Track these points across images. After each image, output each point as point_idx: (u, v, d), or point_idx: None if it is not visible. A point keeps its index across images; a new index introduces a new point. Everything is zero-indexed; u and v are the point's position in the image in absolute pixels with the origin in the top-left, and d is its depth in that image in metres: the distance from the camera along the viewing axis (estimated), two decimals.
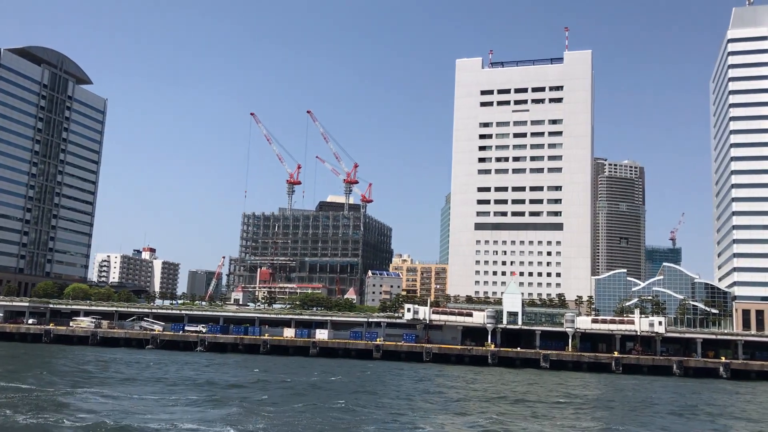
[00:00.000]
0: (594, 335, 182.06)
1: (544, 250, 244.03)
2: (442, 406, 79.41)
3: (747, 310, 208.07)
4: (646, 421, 75.31)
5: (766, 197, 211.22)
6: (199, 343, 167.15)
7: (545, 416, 74.81)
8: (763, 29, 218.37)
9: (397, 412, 71.73)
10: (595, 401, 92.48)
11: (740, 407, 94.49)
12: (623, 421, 74.09)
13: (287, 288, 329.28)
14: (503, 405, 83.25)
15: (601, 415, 78.38)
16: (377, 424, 64.10)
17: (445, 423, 67.47)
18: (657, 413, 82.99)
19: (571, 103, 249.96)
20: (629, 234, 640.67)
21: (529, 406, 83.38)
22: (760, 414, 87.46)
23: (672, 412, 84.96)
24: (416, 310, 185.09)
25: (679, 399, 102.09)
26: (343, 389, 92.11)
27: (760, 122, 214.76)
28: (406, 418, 68.60)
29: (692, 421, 77.63)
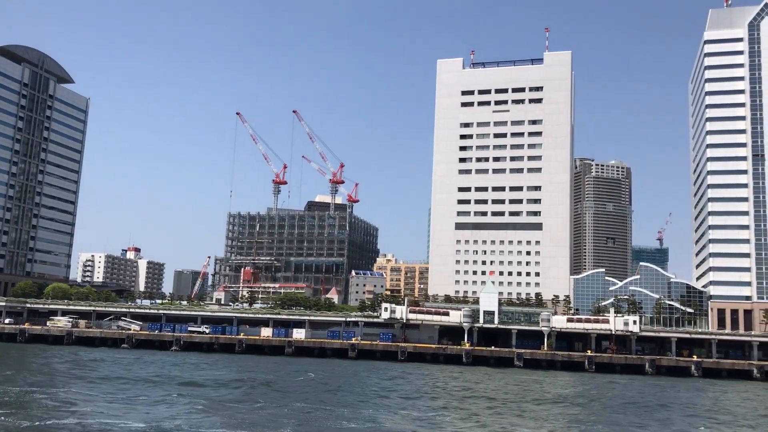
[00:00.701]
0: (570, 334, 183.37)
1: (523, 250, 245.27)
2: (398, 404, 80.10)
3: (722, 310, 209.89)
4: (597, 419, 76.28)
5: (741, 197, 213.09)
6: (174, 342, 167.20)
7: (498, 413, 75.73)
8: (739, 31, 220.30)
9: (352, 409, 72.38)
10: (560, 399, 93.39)
11: (702, 403, 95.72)
12: (574, 418, 75.07)
13: (270, 288, 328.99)
14: (459, 401, 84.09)
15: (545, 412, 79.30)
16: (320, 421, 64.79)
17: (401, 421, 68.18)
18: (607, 409, 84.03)
19: (550, 104, 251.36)
20: (616, 234, 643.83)
21: (480, 403, 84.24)
22: (709, 408, 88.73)
23: (624, 408, 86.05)
24: (393, 310, 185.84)
25: (640, 396, 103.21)
26: (301, 388, 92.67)
27: (735, 123, 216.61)
28: (352, 413, 69.28)
29: (639, 417, 78.75)
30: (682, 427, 72.82)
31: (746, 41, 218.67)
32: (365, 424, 63.90)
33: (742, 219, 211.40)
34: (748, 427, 75.63)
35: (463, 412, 75.42)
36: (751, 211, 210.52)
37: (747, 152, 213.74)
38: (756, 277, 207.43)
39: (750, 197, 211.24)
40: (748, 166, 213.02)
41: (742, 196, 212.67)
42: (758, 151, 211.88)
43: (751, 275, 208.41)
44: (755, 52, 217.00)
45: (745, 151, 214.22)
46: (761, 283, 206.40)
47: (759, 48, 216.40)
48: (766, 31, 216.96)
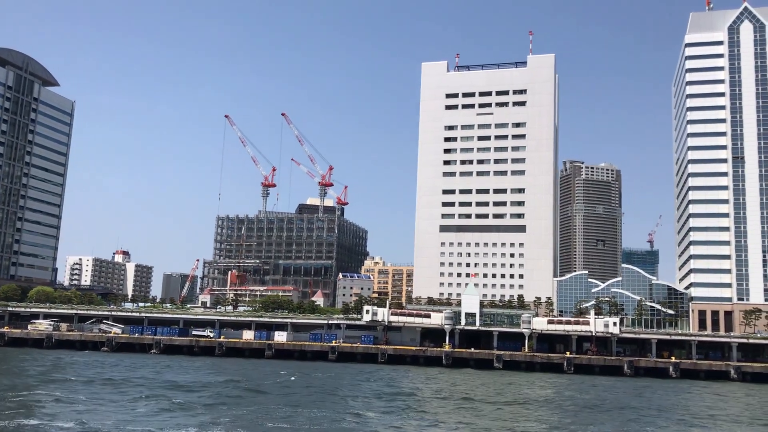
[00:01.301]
0: (551, 336, 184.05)
1: (507, 252, 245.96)
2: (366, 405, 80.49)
3: (703, 311, 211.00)
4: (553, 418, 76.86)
5: (722, 199, 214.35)
6: (154, 345, 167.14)
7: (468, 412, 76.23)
8: (719, 34, 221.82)
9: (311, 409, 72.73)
10: (533, 400, 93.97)
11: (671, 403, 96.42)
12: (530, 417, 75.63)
13: (257, 291, 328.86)
14: (423, 402, 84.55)
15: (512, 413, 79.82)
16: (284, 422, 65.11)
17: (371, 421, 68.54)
18: (567, 409, 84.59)
19: (534, 107, 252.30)
20: (606, 236, 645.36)
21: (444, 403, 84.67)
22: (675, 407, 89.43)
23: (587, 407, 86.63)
24: (375, 312, 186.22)
25: (609, 398, 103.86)
26: (271, 390, 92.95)
27: (716, 125, 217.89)
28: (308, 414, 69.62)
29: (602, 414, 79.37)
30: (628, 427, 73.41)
31: (726, 44, 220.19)
32: (326, 424, 64.31)
33: (723, 221, 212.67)
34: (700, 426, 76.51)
35: (425, 413, 75.90)
36: (731, 213, 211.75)
37: (727, 154, 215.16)
38: (736, 279, 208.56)
39: (730, 199, 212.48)
40: (728, 168, 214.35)
41: (722, 198, 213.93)
42: (738, 153, 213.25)
43: (732, 277, 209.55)
44: (735, 56, 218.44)
45: (725, 154, 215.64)
46: (741, 285, 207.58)
47: (739, 51, 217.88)
48: (745, 34, 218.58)
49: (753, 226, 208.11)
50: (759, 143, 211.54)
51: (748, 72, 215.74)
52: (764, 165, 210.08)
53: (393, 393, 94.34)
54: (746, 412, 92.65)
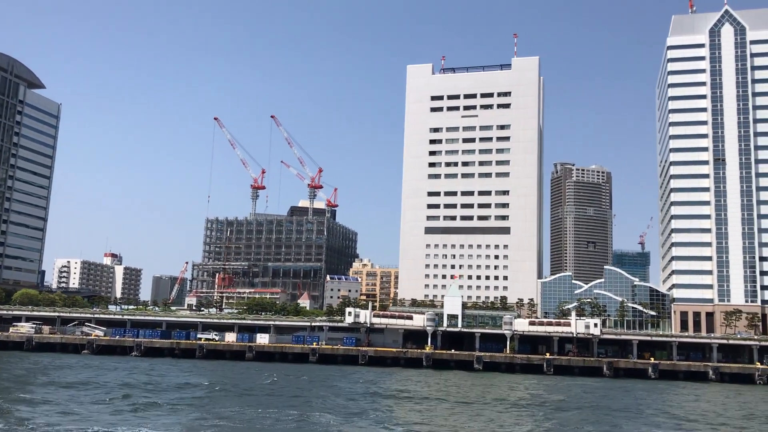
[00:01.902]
0: (533, 337, 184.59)
1: (492, 254, 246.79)
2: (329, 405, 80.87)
3: (685, 312, 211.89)
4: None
5: (703, 201, 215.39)
6: (135, 347, 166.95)
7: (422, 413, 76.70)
8: (701, 37, 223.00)
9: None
10: (498, 400, 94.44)
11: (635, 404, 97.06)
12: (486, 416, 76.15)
13: (245, 293, 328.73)
14: (391, 402, 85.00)
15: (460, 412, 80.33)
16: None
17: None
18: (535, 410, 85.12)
19: (518, 109, 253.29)
20: (597, 238, 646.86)
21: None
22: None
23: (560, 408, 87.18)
24: (357, 314, 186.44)
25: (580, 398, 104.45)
26: (251, 391, 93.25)
27: (697, 127, 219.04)
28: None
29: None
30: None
31: (707, 47, 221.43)
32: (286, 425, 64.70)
33: (704, 222, 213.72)
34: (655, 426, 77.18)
35: (380, 413, 76.41)
36: (713, 215, 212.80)
37: (709, 156, 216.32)
38: (717, 280, 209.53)
39: (711, 201, 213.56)
40: (709, 170, 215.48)
41: (704, 200, 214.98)
42: (719, 155, 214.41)
43: (713, 278, 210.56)
44: (716, 58, 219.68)
45: (707, 155, 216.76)
46: (722, 286, 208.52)
47: (720, 54, 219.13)
48: (726, 37, 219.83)
49: (734, 227, 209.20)
50: (740, 145, 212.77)
51: (729, 74, 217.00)
52: (745, 167, 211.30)
53: (359, 394, 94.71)
54: (711, 411, 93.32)
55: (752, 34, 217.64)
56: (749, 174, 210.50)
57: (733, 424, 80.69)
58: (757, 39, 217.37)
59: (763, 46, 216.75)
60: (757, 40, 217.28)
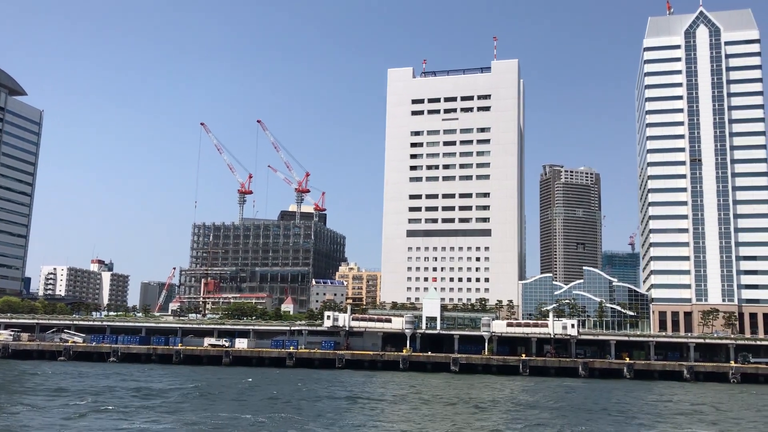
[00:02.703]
0: (512, 339, 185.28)
1: (473, 256, 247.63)
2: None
3: (663, 312, 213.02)
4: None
5: (680, 201, 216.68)
6: (112, 353, 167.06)
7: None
8: (676, 38, 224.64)
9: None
10: (461, 400, 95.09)
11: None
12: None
13: (231, 298, 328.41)
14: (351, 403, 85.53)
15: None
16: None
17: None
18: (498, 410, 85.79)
19: (498, 111, 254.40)
20: (586, 240, 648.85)
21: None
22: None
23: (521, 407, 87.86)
24: (336, 318, 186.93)
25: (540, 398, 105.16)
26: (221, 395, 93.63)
27: (674, 128, 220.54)
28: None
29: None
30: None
31: (683, 48, 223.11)
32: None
33: (682, 222, 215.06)
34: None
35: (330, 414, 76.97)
36: (690, 215, 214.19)
37: (685, 157, 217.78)
38: (695, 280, 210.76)
39: (689, 201, 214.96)
40: (686, 170, 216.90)
41: (681, 200, 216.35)
42: (696, 155, 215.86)
43: (691, 278, 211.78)
44: (692, 59, 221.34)
45: (683, 156, 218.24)
46: (700, 286, 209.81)
47: (695, 55, 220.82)
48: (701, 38, 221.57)
49: (711, 227, 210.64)
50: (716, 145, 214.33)
51: (705, 75, 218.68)
52: (721, 167, 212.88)
53: (319, 397, 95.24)
54: (674, 407, 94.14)
55: (727, 35, 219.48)
56: (725, 174, 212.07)
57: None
58: (731, 40, 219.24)
59: (737, 47, 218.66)
60: (732, 41, 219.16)
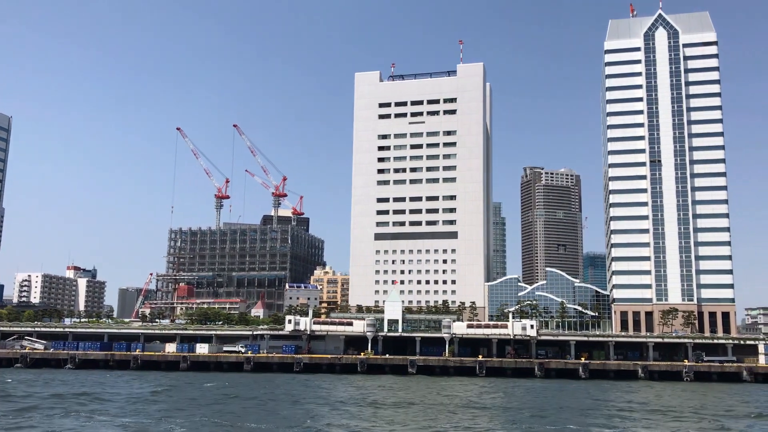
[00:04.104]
0: (474, 340, 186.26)
1: (440, 258, 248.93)
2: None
3: (625, 312, 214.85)
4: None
5: (641, 202, 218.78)
6: (69, 360, 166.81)
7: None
8: (636, 41, 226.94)
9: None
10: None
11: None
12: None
13: (205, 303, 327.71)
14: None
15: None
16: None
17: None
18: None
19: (464, 114, 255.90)
20: (567, 241, 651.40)
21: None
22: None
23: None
24: (297, 322, 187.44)
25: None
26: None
27: (634, 130, 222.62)
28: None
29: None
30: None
31: (643, 51, 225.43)
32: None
33: (642, 223, 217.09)
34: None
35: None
36: (650, 215, 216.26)
37: (645, 158, 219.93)
38: (655, 280, 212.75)
39: (649, 202, 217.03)
40: (646, 171, 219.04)
41: (641, 201, 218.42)
42: (655, 156, 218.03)
43: (651, 278, 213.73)
44: (651, 61, 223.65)
45: (644, 157, 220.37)
46: (660, 286, 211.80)
47: (654, 57, 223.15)
48: (660, 41, 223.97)
49: (670, 227, 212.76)
50: (675, 146, 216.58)
51: (664, 77, 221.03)
52: (680, 168, 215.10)
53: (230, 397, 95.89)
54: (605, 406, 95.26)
55: (685, 38, 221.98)
56: (684, 175, 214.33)
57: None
58: (689, 42, 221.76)
59: (695, 49, 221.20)
60: (690, 43, 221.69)
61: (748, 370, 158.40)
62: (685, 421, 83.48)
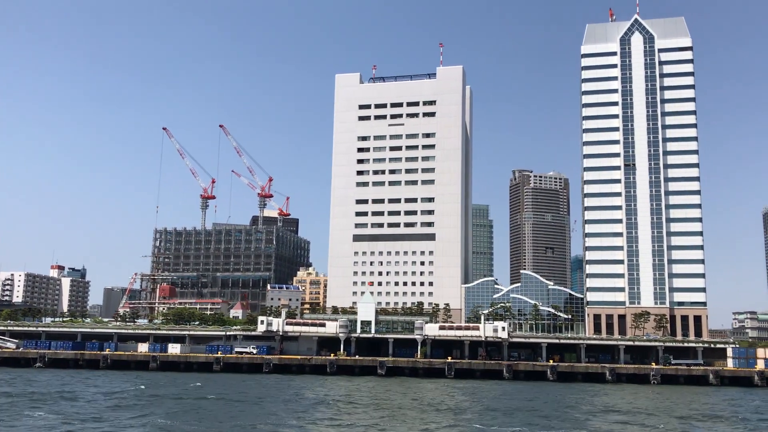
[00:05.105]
0: (446, 342, 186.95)
1: (417, 260, 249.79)
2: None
3: (598, 315, 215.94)
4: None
5: (615, 206, 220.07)
6: (39, 359, 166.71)
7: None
8: (613, 45, 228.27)
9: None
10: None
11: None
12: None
13: (187, 304, 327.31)
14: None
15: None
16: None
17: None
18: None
19: (443, 117, 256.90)
20: (555, 244, 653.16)
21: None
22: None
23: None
24: (270, 322, 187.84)
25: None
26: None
27: (609, 134, 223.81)
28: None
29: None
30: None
31: (619, 55, 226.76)
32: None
33: (616, 227, 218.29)
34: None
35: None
36: (624, 219, 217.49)
37: (620, 162, 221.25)
38: (628, 283, 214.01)
39: (623, 205, 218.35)
40: (620, 175, 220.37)
41: (615, 205, 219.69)
42: (630, 160, 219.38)
43: (624, 281, 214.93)
44: (627, 66, 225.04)
45: (618, 161, 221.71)
46: (633, 289, 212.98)
47: (630, 62, 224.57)
48: (636, 45, 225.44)
49: (644, 231, 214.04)
50: (649, 150, 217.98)
51: (639, 81, 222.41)
52: (654, 172, 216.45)
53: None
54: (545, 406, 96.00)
55: (660, 43, 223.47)
56: (658, 178, 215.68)
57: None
58: (665, 47, 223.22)
59: (670, 54, 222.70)
60: (665, 48, 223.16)
61: (714, 373, 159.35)
62: (626, 422, 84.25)
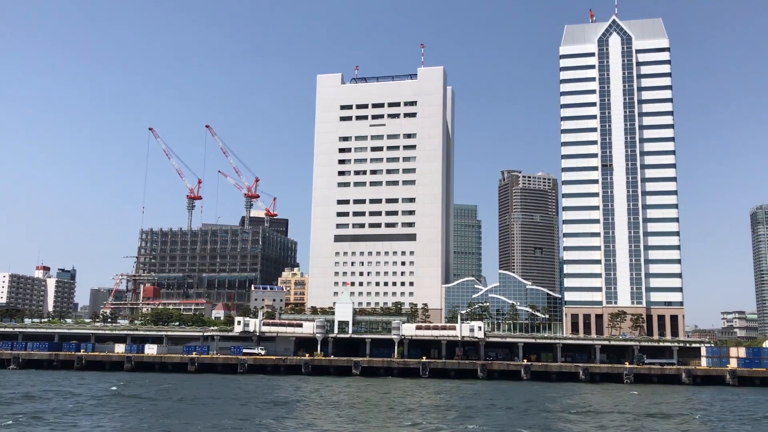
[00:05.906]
0: (423, 342, 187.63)
1: (398, 260, 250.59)
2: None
3: (576, 315, 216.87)
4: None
5: (592, 206, 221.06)
6: (12, 360, 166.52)
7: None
8: (591, 46, 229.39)
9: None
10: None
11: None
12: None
13: (170, 304, 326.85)
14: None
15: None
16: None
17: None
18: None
19: (424, 118, 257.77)
20: (544, 244, 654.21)
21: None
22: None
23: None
24: (247, 323, 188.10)
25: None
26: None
27: (587, 134, 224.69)
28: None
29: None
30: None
31: (597, 56, 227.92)
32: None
33: (594, 227, 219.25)
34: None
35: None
36: (601, 219, 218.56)
37: (597, 162, 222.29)
38: (605, 283, 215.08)
39: (600, 206, 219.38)
40: (598, 175, 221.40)
41: (593, 205, 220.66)
42: (607, 161, 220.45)
43: (602, 281, 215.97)
44: (605, 67, 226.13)
45: (596, 162, 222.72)
46: (610, 289, 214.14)
47: (608, 62, 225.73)
48: (614, 46, 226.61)
49: (621, 231, 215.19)
50: (626, 151, 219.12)
51: (617, 82, 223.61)
52: (631, 172, 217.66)
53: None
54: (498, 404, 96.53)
55: (638, 44, 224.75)
56: (635, 179, 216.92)
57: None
58: (642, 48, 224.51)
59: (648, 55, 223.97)
60: (643, 49, 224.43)
61: (687, 372, 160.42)
62: (576, 422, 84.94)
